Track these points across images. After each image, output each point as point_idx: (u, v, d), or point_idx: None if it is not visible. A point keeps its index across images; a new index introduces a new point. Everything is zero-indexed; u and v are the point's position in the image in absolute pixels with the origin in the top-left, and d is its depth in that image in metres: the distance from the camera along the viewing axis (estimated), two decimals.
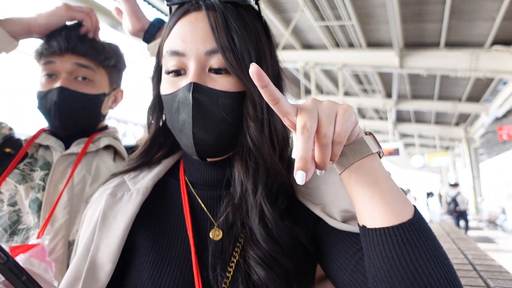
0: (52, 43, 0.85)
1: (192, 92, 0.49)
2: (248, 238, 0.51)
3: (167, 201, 0.59)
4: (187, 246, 0.53)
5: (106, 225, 0.55)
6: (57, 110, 0.84)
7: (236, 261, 0.50)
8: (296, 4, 5.01)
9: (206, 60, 0.51)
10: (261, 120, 0.53)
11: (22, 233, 0.78)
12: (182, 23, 0.53)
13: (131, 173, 0.63)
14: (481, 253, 1.96)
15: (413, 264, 0.38)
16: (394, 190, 0.43)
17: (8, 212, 0.79)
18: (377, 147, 0.45)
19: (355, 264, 0.46)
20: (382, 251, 0.40)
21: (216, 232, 0.54)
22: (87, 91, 0.87)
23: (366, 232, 0.42)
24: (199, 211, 0.57)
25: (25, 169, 0.84)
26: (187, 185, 0.60)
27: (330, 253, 0.50)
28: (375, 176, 0.43)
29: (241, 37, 0.51)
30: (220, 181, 0.57)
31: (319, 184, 0.54)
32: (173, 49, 0.52)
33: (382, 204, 0.41)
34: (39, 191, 0.81)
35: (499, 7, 4.48)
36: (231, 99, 0.52)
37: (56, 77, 0.86)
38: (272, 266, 0.48)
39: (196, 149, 0.51)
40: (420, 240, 0.39)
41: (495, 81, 7.12)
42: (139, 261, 0.53)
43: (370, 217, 0.42)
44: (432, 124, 12.37)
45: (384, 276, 0.39)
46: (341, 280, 0.48)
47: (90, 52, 0.87)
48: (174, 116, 0.53)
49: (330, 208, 0.51)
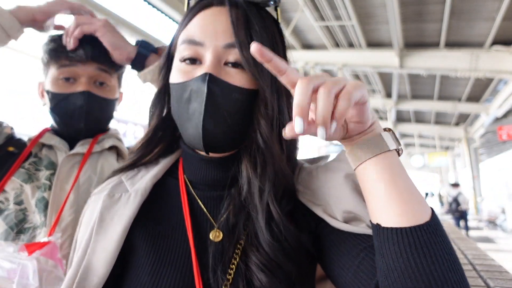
0: (77, 51, 0.85)
1: (207, 82, 0.49)
2: (249, 241, 0.50)
3: (166, 202, 0.58)
4: (187, 247, 0.52)
5: (103, 227, 0.55)
6: (83, 113, 0.86)
7: (237, 264, 0.50)
8: (296, 4, 5.00)
9: (223, 54, 0.52)
10: (272, 119, 0.53)
11: (28, 232, 0.79)
12: (204, 15, 0.53)
13: (129, 172, 0.62)
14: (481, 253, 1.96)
15: (429, 267, 0.38)
16: (412, 190, 0.42)
17: (14, 210, 0.79)
18: (396, 144, 0.44)
19: (358, 265, 0.46)
20: (397, 251, 0.39)
21: (216, 233, 0.53)
22: (106, 96, 0.90)
23: (380, 231, 0.41)
24: (198, 212, 0.56)
25: (30, 168, 0.85)
26: (186, 185, 0.59)
27: (332, 254, 0.50)
28: (393, 173, 0.42)
29: (260, 36, 0.52)
30: (222, 181, 0.57)
31: (320, 185, 0.54)
32: (192, 38, 0.53)
33: (399, 204, 0.40)
34: (45, 191, 0.82)
35: (499, 7, 4.48)
36: (243, 95, 0.52)
37: (74, 80, 0.86)
38: (275, 271, 0.48)
39: (203, 140, 0.51)
40: (436, 243, 0.39)
41: (495, 81, 7.11)
42: (138, 264, 0.52)
43: (386, 215, 0.41)
44: (432, 124, 12.37)
45: (397, 277, 0.39)
46: (343, 281, 0.47)
47: (110, 59, 0.89)
48: (183, 105, 0.53)
49: (331, 209, 0.51)
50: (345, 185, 0.51)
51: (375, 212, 0.43)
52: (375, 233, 0.43)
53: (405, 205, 0.40)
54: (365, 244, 0.47)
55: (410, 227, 0.39)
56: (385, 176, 0.42)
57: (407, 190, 0.41)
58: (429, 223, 0.40)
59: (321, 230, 0.53)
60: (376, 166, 0.42)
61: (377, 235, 0.42)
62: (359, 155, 0.43)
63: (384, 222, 0.41)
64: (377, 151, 0.42)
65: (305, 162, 0.62)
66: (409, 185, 0.42)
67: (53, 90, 0.87)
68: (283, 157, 0.53)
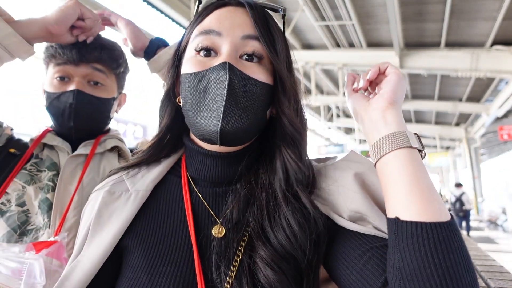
0: (69, 52, 0.85)
1: (228, 70, 0.49)
2: (255, 236, 0.50)
3: (167, 200, 0.58)
4: (189, 245, 0.52)
5: (100, 224, 0.55)
6: (72, 112, 0.86)
7: (240, 259, 0.49)
8: (296, 4, 5.00)
9: (241, 46, 0.53)
10: (296, 109, 0.56)
11: (31, 234, 0.79)
12: (220, 12, 0.55)
13: (130, 170, 0.62)
14: (481, 254, 1.96)
15: (446, 264, 0.38)
16: (433, 190, 0.43)
17: (16, 212, 0.79)
18: (419, 144, 0.46)
19: (365, 263, 0.46)
20: (415, 244, 0.39)
21: (219, 229, 0.52)
22: (99, 95, 0.90)
23: (398, 224, 0.42)
24: (200, 209, 0.56)
25: (32, 170, 0.84)
26: (189, 182, 0.59)
27: (337, 253, 0.50)
28: (416, 169, 0.43)
29: (278, 34, 0.55)
30: (227, 177, 0.56)
31: (328, 183, 0.54)
32: (209, 28, 0.53)
33: (421, 199, 0.41)
34: (49, 192, 0.82)
35: (500, 7, 4.48)
36: (258, 88, 0.52)
37: (69, 80, 0.87)
38: (282, 267, 0.47)
39: (221, 129, 0.49)
40: (454, 243, 0.39)
41: (495, 81, 7.11)
42: (136, 263, 0.51)
43: (406, 209, 0.42)
44: (432, 124, 12.36)
45: (412, 270, 0.39)
46: (347, 280, 0.47)
47: (105, 58, 0.90)
48: (200, 95, 0.52)
49: (339, 208, 0.51)
50: (353, 185, 0.52)
51: (394, 205, 0.43)
52: (391, 226, 0.43)
53: (426, 201, 0.41)
54: (371, 244, 0.47)
55: (431, 222, 0.40)
56: (409, 170, 0.43)
57: (429, 188, 0.43)
58: (450, 223, 0.41)
59: (328, 228, 0.52)
60: (399, 159, 0.44)
61: (394, 228, 0.42)
62: (383, 146, 0.46)
63: (404, 215, 0.42)
64: (401, 144, 0.45)
65: (312, 161, 0.62)
66: (431, 184, 0.43)
67: (48, 90, 0.87)
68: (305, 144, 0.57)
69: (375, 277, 0.44)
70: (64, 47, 0.86)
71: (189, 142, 0.59)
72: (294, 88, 0.56)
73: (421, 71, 6.24)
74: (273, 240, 0.49)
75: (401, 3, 4.63)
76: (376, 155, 0.48)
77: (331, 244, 0.51)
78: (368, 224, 0.49)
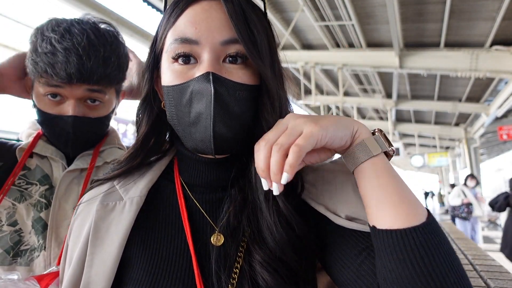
0: (59, 69, 0.72)
1: (212, 82, 0.46)
2: (253, 240, 0.49)
3: (162, 208, 0.56)
4: (188, 255, 0.50)
5: (98, 239, 0.52)
6: (69, 139, 0.79)
7: (240, 266, 0.48)
8: (296, 4, 5.00)
9: (222, 50, 0.49)
10: (278, 112, 0.51)
11: (25, 255, 0.73)
12: (194, 10, 0.49)
13: (120, 178, 0.58)
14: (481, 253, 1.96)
15: (427, 268, 0.37)
16: (403, 192, 0.42)
17: (9, 232, 0.73)
18: (384, 145, 0.45)
19: (360, 263, 0.45)
20: (393, 253, 0.39)
21: (218, 237, 0.51)
22: (98, 115, 0.82)
23: (376, 233, 0.42)
24: (198, 216, 0.54)
25: (21, 184, 0.77)
26: (183, 188, 0.57)
27: (333, 252, 0.49)
28: (380, 179, 0.43)
29: (259, 29, 0.50)
30: (222, 182, 0.55)
31: (324, 183, 0.54)
32: (184, 36, 0.49)
33: (390, 207, 0.41)
34: (42, 210, 0.76)
35: (499, 7, 4.47)
36: (246, 92, 0.50)
37: (62, 98, 0.77)
38: (278, 268, 0.47)
39: (213, 144, 0.48)
40: (433, 244, 0.39)
41: (495, 81, 7.11)
42: (137, 276, 0.49)
43: (380, 218, 0.42)
44: (432, 124, 12.35)
45: (395, 278, 0.39)
46: (345, 278, 0.47)
47: (104, 78, 0.78)
48: (184, 109, 0.49)
49: (335, 207, 0.50)
50: (351, 185, 0.51)
51: (370, 215, 0.44)
52: (372, 235, 0.43)
53: (396, 208, 0.41)
54: (368, 243, 0.47)
55: (405, 228, 0.39)
56: (372, 183, 0.43)
57: (397, 193, 0.42)
58: (425, 224, 0.40)
59: (322, 229, 0.52)
60: (362, 175, 0.44)
61: (374, 237, 0.43)
62: (349, 165, 0.47)
63: (379, 224, 0.42)
64: (358, 162, 0.44)
65: None
66: (400, 187, 0.43)
67: (39, 106, 0.78)
68: None
69: (371, 277, 0.44)
70: (55, 64, 0.72)
71: (180, 147, 0.57)
72: (280, 90, 0.53)
73: (421, 71, 6.23)
74: (268, 243, 0.48)
75: (401, 3, 4.62)
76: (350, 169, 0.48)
77: (328, 243, 0.51)
78: (365, 223, 0.49)
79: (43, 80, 0.76)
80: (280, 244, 0.47)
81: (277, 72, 0.54)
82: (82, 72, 0.74)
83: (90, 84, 0.77)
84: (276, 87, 0.52)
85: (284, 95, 0.55)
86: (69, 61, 0.72)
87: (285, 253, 0.47)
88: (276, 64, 0.54)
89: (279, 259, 0.47)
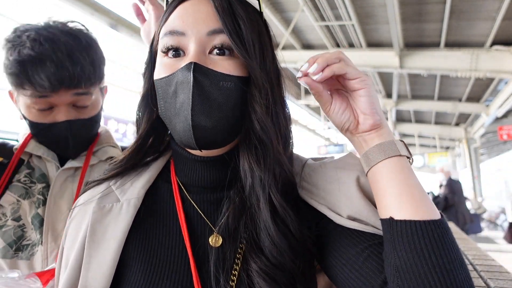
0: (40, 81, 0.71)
1: (192, 71, 0.46)
2: (250, 248, 0.48)
3: (159, 209, 0.55)
4: (186, 257, 0.50)
5: (95, 241, 0.51)
6: (68, 143, 0.81)
7: (239, 270, 0.48)
8: (296, 4, 5.00)
9: (208, 42, 0.49)
10: (267, 105, 0.51)
11: (27, 249, 0.76)
12: (183, 6, 0.51)
13: (117, 179, 0.58)
14: (481, 253, 1.96)
15: (442, 260, 0.39)
16: (423, 192, 0.44)
17: (12, 227, 0.76)
18: (407, 152, 0.47)
19: (364, 261, 0.45)
20: (410, 242, 0.40)
21: (216, 238, 0.51)
22: (89, 115, 0.84)
23: (393, 223, 0.43)
24: (195, 217, 0.54)
25: (26, 182, 0.80)
26: (180, 189, 0.56)
27: (334, 251, 0.49)
28: (405, 175, 0.45)
29: (246, 23, 0.50)
30: (219, 182, 0.54)
31: (326, 183, 0.53)
32: (172, 29, 0.50)
33: (412, 200, 0.43)
34: (39, 206, 0.79)
35: (499, 7, 4.47)
36: (232, 83, 0.49)
37: (51, 107, 0.78)
38: (276, 277, 0.46)
39: (193, 134, 0.47)
40: (447, 240, 0.41)
41: (495, 81, 7.10)
42: (134, 279, 0.49)
43: (399, 210, 0.43)
44: (432, 124, 12.35)
45: (410, 268, 0.39)
46: (345, 278, 0.47)
47: (87, 80, 0.78)
48: (170, 101, 0.49)
49: (336, 207, 0.50)
50: (353, 185, 0.51)
51: (388, 207, 0.44)
52: (386, 226, 0.44)
53: (417, 202, 0.43)
54: (370, 242, 0.47)
55: (424, 220, 0.41)
56: (399, 176, 0.45)
57: (419, 190, 0.44)
58: (441, 221, 0.42)
59: (322, 228, 0.52)
60: (389, 167, 0.46)
61: (389, 228, 0.43)
62: (372, 157, 0.47)
63: (397, 215, 0.43)
64: (390, 154, 0.46)
65: (309, 159, 0.61)
66: (420, 187, 0.45)
67: (29, 117, 0.78)
68: (281, 149, 0.52)
69: (375, 275, 0.44)
70: (33, 74, 0.70)
71: (175, 146, 0.57)
72: (268, 83, 0.51)
73: (421, 71, 6.23)
74: (264, 249, 0.48)
75: (401, 3, 4.62)
76: (367, 165, 0.48)
77: (328, 243, 0.51)
78: (367, 223, 0.49)
79: (28, 92, 0.74)
80: (277, 244, 0.47)
81: (270, 68, 0.53)
82: (65, 78, 0.73)
83: (76, 88, 0.77)
84: (265, 79, 0.51)
85: (277, 92, 0.54)
86: (47, 74, 0.71)
87: (282, 254, 0.47)
88: (268, 61, 0.53)
89: (275, 265, 0.47)
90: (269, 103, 0.51)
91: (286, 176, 0.52)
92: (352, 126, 0.51)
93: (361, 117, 0.49)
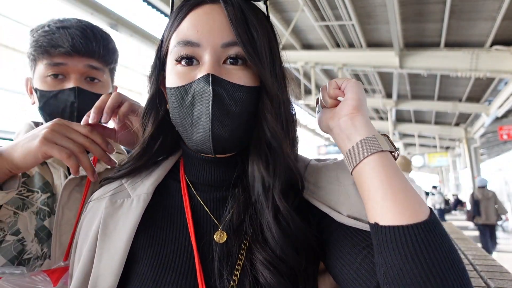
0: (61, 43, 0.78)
1: (211, 84, 0.48)
2: (255, 239, 0.50)
3: (168, 206, 0.58)
4: (191, 252, 0.51)
5: (107, 235, 0.54)
6: (74, 110, 0.81)
7: (242, 264, 0.49)
8: (296, 4, 5.00)
9: (222, 52, 0.50)
10: (278, 113, 0.53)
11: (29, 264, 0.73)
12: (196, 14, 0.51)
13: (129, 177, 0.60)
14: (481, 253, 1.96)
15: (427, 264, 0.38)
16: (408, 190, 0.43)
17: (12, 242, 0.73)
18: (390, 146, 0.46)
19: (360, 262, 0.46)
20: (394, 249, 0.40)
21: (221, 234, 0.52)
22: (98, 91, 0.85)
23: (378, 229, 0.42)
24: (201, 214, 0.55)
25: (22, 192, 0.77)
26: (188, 187, 0.58)
27: (335, 250, 0.50)
28: (387, 174, 0.44)
29: (258, 31, 0.52)
30: (226, 181, 0.56)
31: (327, 183, 0.54)
32: (187, 39, 0.51)
33: (395, 203, 0.42)
34: (45, 218, 0.76)
35: (500, 7, 4.48)
36: (246, 93, 0.51)
37: (64, 77, 0.81)
38: (279, 268, 0.47)
39: (212, 144, 0.49)
40: (434, 241, 0.40)
41: (495, 81, 7.11)
42: (142, 271, 0.51)
43: (382, 214, 0.42)
44: (432, 124, 12.36)
45: (396, 274, 0.39)
46: (345, 277, 0.47)
47: (102, 54, 0.84)
48: (186, 110, 0.51)
49: (338, 206, 0.51)
50: (353, 185, 0.52)
51: (372, 211, 0.44)
52: (373, 232, 0.44)
53: (400, 204, 0.42)
54: (368, 241, 0.47)
55: (407, 225, 0.40)
56: (380, 176, 0.44)
57: (402, 190, 0.43)
58: (427, 222, 0.41)
59: (324, 227, 0.53)
60: (371, 166, 0.45)
61: (375, 233, 0.43)
62: (355, 154, 0.47)
63: (381, 220, 0.42)
64: (372, 150, 0.45)
65: (313, 160, 0.62)
66: (404, 185, 0.44)
67: (41, 88, 0.81)
68: (290, 152, 0.54)
69: (370, 276, 0.44)
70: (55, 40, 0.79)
71: (184, 146, 0.59)
72: (280, 91, 0.54)
73: (421, 71, 6.24)
74: (270, 239, 0.49)
75: (401, 3, 4.63)
76: (350, 164, 0.48)
77: (329, 242, 0.51)
78: (367, 222, 0.49)
79: (45, 60, 0.80)
80: (280, 242, 0.48)
81: (278, 74, 0.55)
82: (84, 45, 0.80)
83: (92, 57, 0.82)
84: (276, 88, 0.53)
85: (285, 96, 0.56)
86: (71, 35, 0.80)
87: (285, 252, 0.48)
88: (277, 66, 0.55)
89: (280, 258, 0.48)
90: (281, 109, 0.53)
91: (293, 178, 0.53)
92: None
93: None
